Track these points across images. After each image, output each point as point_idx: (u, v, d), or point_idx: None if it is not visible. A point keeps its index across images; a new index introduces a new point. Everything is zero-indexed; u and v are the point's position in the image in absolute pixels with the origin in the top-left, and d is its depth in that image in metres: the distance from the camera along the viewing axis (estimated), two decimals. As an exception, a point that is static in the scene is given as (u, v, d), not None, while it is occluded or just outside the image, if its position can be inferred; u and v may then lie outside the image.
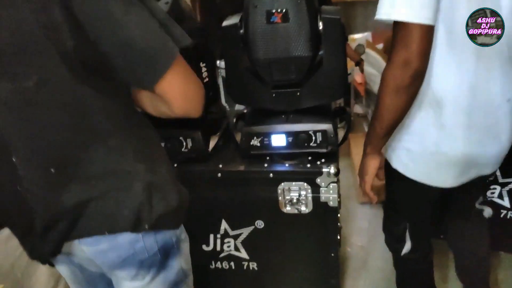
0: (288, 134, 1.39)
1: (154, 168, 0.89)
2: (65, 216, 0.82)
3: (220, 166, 1.42)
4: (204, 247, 1.59)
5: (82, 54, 0.73)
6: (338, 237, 1.54)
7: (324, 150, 1.39)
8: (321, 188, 1.39)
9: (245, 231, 1.53)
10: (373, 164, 1.25)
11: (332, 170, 1.35)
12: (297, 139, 1.38)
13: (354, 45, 3.05)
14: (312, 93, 1.37)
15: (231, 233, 1.54)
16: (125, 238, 0.87)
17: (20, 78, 0.72)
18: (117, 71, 0.77)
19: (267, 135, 1.40)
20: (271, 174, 1.39)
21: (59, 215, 0.82)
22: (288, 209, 1.44)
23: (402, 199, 1.40)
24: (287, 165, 1.40)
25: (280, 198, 1.43)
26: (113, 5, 0.72)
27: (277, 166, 1.41)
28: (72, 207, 0.81)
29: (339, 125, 1.52)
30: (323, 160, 1.39)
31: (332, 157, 1.40)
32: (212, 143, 1.47)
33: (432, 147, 1.16)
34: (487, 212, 1.52)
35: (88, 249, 0.88)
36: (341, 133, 1.44)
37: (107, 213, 0.84)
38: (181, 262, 1.00)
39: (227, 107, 1.74)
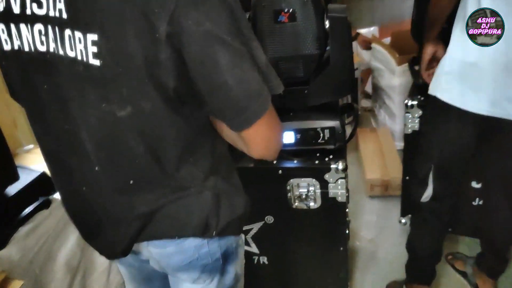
0: (297, 131, 1.42)
1: (224, 176, 0.91)
2: (136, 220, 0.84)
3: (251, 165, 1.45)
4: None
5: (180, 91, 0.72)
6: (347, 232, 1.57)
7: (332, 147, 1.41)
8: (329, 184, 1.41)
9: (256, 226, 1.56)
10: (428, 50, 1.43)
11: (340, 166, 1.37)
12: (305, 136, 1.41)
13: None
14: (320, 90, 1.40)
15: (245, 227, 1.56)
16: (192, 243, 0.89)
17: (115, 106, 0.73)
18: (208, 106, 0.76)
19: (276, 132, 1.42)
20: (280, 171, 1.42)
21: (130, 219, 0.84)
22: (297, 204, 1.46)
23: (433, 132, 1.45)
24: (295, 161, 1.43)
25: (289, 194, 1.46)
26: (221, 56, 0.68)
27: (286, 162, 1.44)
28: (143, 212, 0.84)
29: (346, 121, 1.53)
30: (331, 157, 1.42)
31: (340, 153, 1.42)
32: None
33: (470, 58, 1.16)
34: None
35: (156, 251, 0.91)
36: (348, 129, 1.46)
37: (177, 219, 0.86)
38: (237, 267, 1.01)
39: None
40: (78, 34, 0.69)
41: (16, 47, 0.77)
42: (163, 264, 0.93)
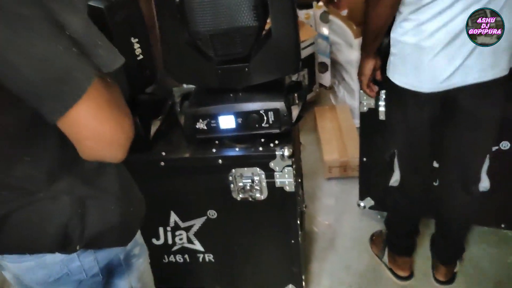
0: (237, 114, 1.25)
1: (85, 179, 0.74)
2: None
3: (163, 154, 1.28)
4: (154, 241, 1.46)
5: None
6: (299, 222, 1.43)
7: (277, 131, 1.26)
8: (275, 173, 1.26)
9: (197, 222, 1.40)
10: (369, 65, 1.35)
11: (286, 152, 1.22)
12: (247, 120, 1.25)
13: (319, 12, 2.89)
14: (262, 68, 1.23)
15: (182, 225, 1.41)
16: (55, 258, 0.75)
17: None
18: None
19: (214, 116, 1.26)
20: (220, 160, 1.25)
21: None
22: (241, 197, 1.31)
23: (393, 117, 1.38)
24: (237, 149, 1.27)
25: (232, 185, 1.30)
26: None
27: (227, 150, 1.27)
28: None
29: (297, 101, 1.37)
30: (276, 142, 1.26)
31: (286, 138, 1.27)
32: (153, 129, 1.32)
33: (412, 40, 1.16)
34: (483, 186, 1.39)
35: (13, 266, 0.77)
36: (296, 111, 1.30)
37: (28, 227, 0.71)
38: (131, 280, 0.88)
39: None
40: None
41: None
42: (26, 280, 0.78)
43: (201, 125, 1.27)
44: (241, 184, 1.29)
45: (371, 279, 1.72)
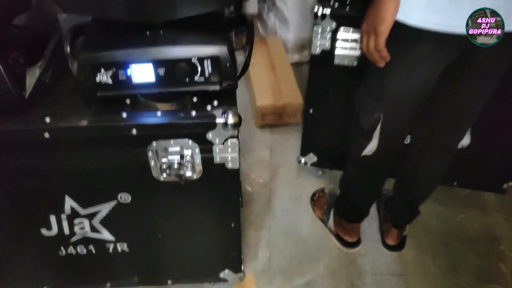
0: (158, 63, 0.86)
1: None
2: None
3: (47, 120, 0.86)
4: (45, 231, 1.07)
5: None
6: (240, 199, 1.12)
7: (216, 88, 0.89)
8: (214, 146, 0.92)
9: (104, 208, 1.03)
10: (393, 7, 0.88)
11: (231, 119, 0.87)
12: (173, 71, 0.86)
13: None
14: None
15: (83, 212, 1.03)
16: None
17: None
18: None
19: (123, 65, 0.85)
20: (134, 130, 0.87)
21: None
22: (165, 177, 0.95)
23: (388, 72, 1.00)
24: (159, 113, 0.89)
25: (152, 163, 0.93)
26: None
27: (143, 115, 0.89)
28: None
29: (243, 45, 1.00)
30: (215, 104, 0.90)
31: (229, 98, 0.91)
32: (30, 81, 0.88)
33: None
34: (463, 143, 1.19)
35: None
36: (241, 58, 0.93)
37: None
38: None
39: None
40: None
41: None
42: None
43: (103, 77, 0.86)
44: (165, 160, 0.92)
45: (315, 246, 1.50)
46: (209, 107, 0.89)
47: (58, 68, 0.93)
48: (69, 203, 1.00)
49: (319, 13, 1.21)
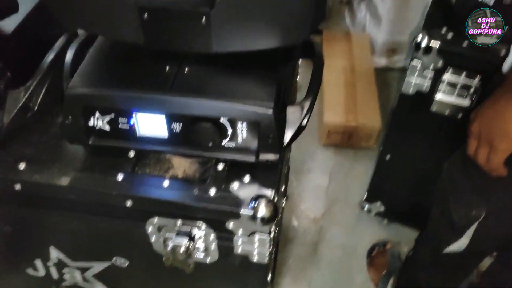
0: (173, 117, 0.60)
1: None
2: None
3: (21, 167, 0.64)
4: (31, 271, 0.88)
5: None
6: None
7: (250, 159, 0.62)
8: (236, 238, 0.65)
9: (97, 266, 0.82)
10: None
11: (262, 212, 0.60)
12: (193, 130, 0.60)
13: None
14: (237, 22, 0.56)
15: (72, 264, 0.82)
16: None
17: None
18: None
19: (125, 112, 0.60)
20: (128, 202, 0.63)
21: None
22: (169, 258, 0.71)
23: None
24: (165, 183, 0.64)
25: (153, 238, 0.69)
26: None
27: (145, 183, 0.64)
28: None
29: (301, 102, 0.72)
30: (246, 179, 0.63)
31: (266, 177, 0.64)
32: (10, 109, 0.66)
33: None
34: None
35: None
36: (294, 121, 0.64)
37: None
38: None
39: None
40: None
41: None
42: None
43: (98, 122, 0.62)
44: (169, 244, 0.68)
45: (361, 315, 1.23)
46: (235, 185, 0.63)
47: (54, 90, 0.70)
48: (55, 254, 0.80)
49: (423, 45, 0.88)
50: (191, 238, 0.67)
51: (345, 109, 1.58)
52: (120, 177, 0.63)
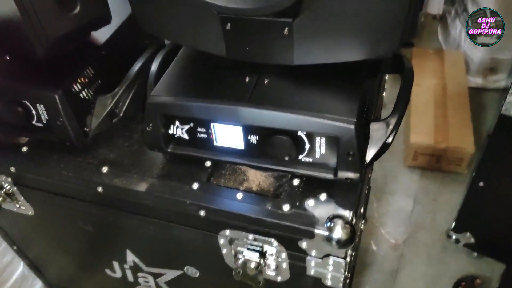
0: (250, 129, 0.58)
1: None
2: None
3: (104, 171, 0.66)
4: (109, 272, 0.92)
5: None
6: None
7: (328, 176, 0.59)
8: (309, 258, 0.62)
9: (170, 273, 0.82)
10: None
11: (339, 234, 0.56)
12: (269, 142, 0.58)
13: None
14: (322, 32, 0.53)
15: (146, 269, 0.84)
16: None
17: None
18: None
19: (203, 122, 0.60)
20: (202, 212, 0.62)
21: None
22: (240, 271, 0.69)
23: None
24: (239, 195, 0.62)
25: (224, 250, 0.68)
26: None
27: (218, 194, 0.63)
28: None
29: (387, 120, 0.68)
30: (322, 197, 0.60)
31: (345, 196, 0.60)
32: (98, 115, 0.69)
33: None
34: None
35: None
36: (378, 138, 0.60)
37: None
38: None
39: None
40: None
41: None
42: None
43: (177, 130, 0.62)
44: (241, 257, 0.66)
45: None
46: (310, 203, 0.59)
47: (139, 97, 0.72)
48: (131, 257, 0.82)
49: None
50: (262, 254, 0.65)
51: (435, 129, 1.48)
52: (195, 186, 0.63)
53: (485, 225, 1.13)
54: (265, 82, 0.60)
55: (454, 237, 1.22)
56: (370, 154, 0.59)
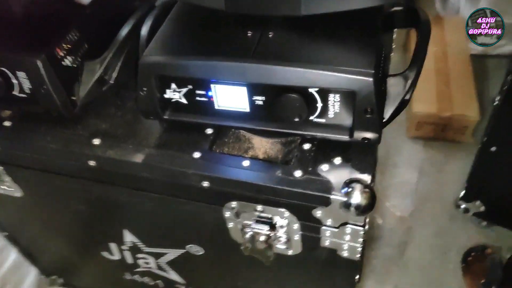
0: (255, 88, 0.53)
1: None
2: None
3: (95, 143, 0.61)
4: (106, 254, 0.86)
5: None
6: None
7: (344, 138, 0.53)
8: (323, 228, 0.57)
9: (171, 253, 0.77)
10: None
11: (358, 199, 0.51)
12: (278, 102, 0.52)
13: None
14: None
15: (146, 249, 0.79)
16: None
17: None
18: None
19: (203, 83, 0.54)
20: (205, 183, 0.57)
21: None
22: (249, 247, 0.64)
23: None
24: (245, 163, 0.57)
25: (230, 224, 0.63)
26: None
27: (222, 162, 0.58)
28: None
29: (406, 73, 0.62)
30: (337, 161, 0.55)
31: (362, 158, 0.55)
32: (86, 82, 0.63)
33: None
34: None
35: None
36: (396, 93, 0.55)
37: None
38: None
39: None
40: None
41: None
42: None
43: (174, 95, 0.57)
44: (248, 231, 0.61)
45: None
46: (324, 167, 0.54)
47: (130, 62, 0.66)
48: (129, 237, 0.77)
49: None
50: (272, 227, 0.60)
51: (438, 98, 1.43)
52: (196, 155, 0.58)
53: (496, 192, 1.09)
54: (270, 35, 0.54)
55: (463, 206, 1.18)
56: (388, 111, 0.53)
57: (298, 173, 0.54)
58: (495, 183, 1.06)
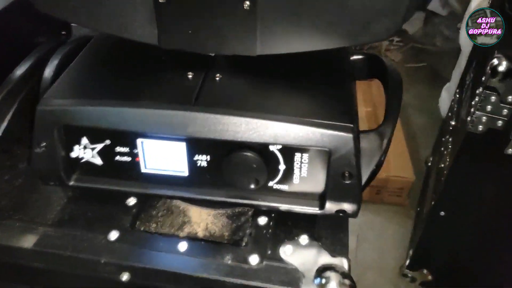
0: (198, 144, 0.40)
1: None
2: None
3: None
4: None
5: None
6: None
7: (314, 210, 0.41)
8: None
9: None
10: None
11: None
12: (227, 163, 0.39)
13: None
14: (297, 4, 0.36)
15: None
16: None
17: None
18: None
19: (127, 137, 0.40)
20: (125, 275, 0.41)
21: None
22: None
23: None
24: (181, 247, 0.42)
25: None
26: None
27: (149, 246, 0.43)
28: None
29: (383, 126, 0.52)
30: (302, 241, 0.42)
31: (334, 235, 0.43)
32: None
33: None
34: None
35: None
36: (375, 151, 0.44)
37: None
38: None
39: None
40: None
41: None
42: None
43: (84, 152, 0.42)
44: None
45: None
46: (288, 249, 0.41)
47: (27, 111, 0.50)
48: None
49: (502, 68, 0.70)
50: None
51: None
52: (113, 236, 0.42)
53: (445, 260, 1.02)
54: (217, 78, 0.42)
55: (409, 275, 1.10)
56: (364, 175, 0.43)
57: (254, 259, 0.40)
58: (443, 250, 1.00)
